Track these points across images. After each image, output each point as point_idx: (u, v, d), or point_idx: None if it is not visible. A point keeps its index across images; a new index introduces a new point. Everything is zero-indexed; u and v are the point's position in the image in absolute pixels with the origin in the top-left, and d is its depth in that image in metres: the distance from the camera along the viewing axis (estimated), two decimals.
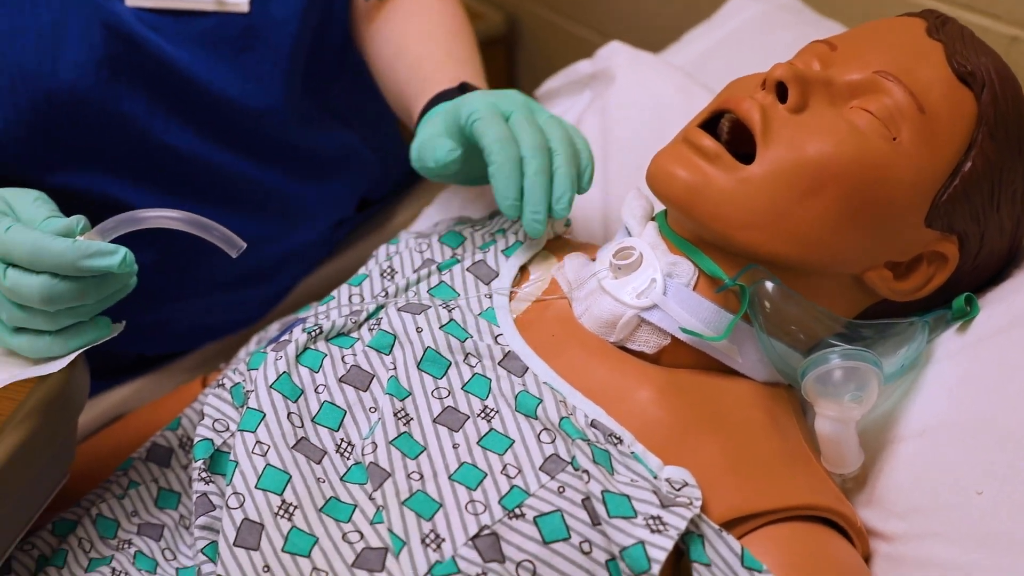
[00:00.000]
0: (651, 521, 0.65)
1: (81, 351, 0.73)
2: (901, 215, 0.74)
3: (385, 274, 0.86)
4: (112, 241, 0.70)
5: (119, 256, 0.68)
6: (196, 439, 0.76)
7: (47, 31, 0.91)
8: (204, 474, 0.74)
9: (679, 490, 0.68)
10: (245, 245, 0.70)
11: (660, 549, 0.64)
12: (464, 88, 0.90)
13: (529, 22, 1.83)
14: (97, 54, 0.92)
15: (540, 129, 0.79)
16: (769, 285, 0.74)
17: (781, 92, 0.74)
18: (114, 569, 0.75)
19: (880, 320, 0.78)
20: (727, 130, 0.76)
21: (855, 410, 0.73)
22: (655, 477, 0.69)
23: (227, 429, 0.76)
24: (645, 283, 0.75)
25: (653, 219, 0.81)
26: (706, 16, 1.33)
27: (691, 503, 0.67)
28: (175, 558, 0.78)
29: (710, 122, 0.76)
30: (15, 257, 0.68)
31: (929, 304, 0.80)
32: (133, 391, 1.12)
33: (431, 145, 0.81)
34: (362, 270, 0.88)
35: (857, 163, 0.72)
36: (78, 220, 0.70)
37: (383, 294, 0.83)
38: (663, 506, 0.66)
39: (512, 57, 1.90)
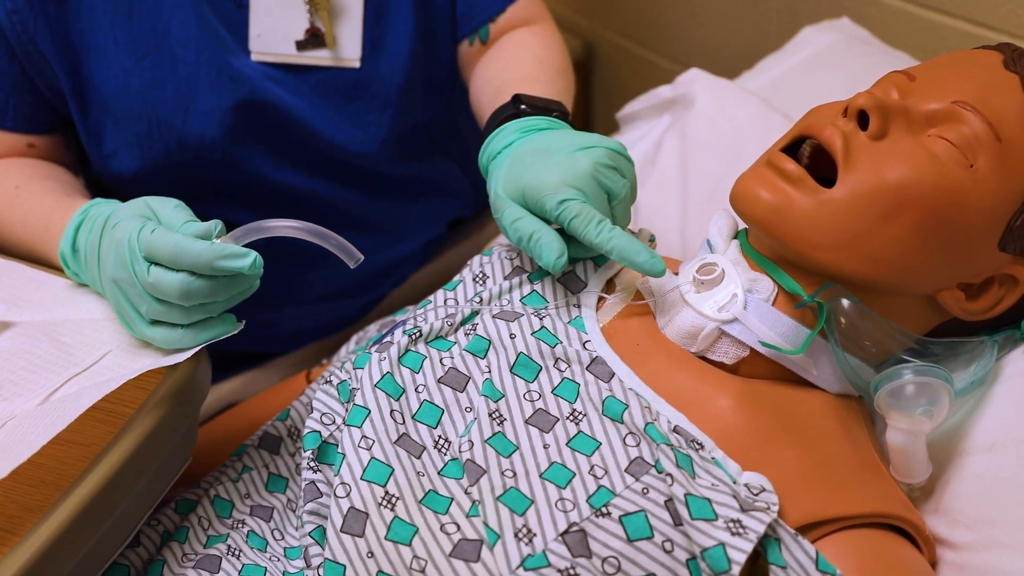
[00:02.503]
0: (731, 524, 0.63)
1: (206, 344, 0.74)
2: (975, 239, 0.71)
3: (478, 279, 0.85)
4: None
5: (250, 259, 0.69)
6: (305, 431, 0.75)
7: (183, 84, 0.94)
8: (313, 463, 0.74)
9: (757, 495, 0.66)
10: (363, 257, 0.71)
11: (740, 551, 0.62)
12: (518, 100, 0.86)
13: (605, 49, 1.82)
14: (224, 104, 0.94)
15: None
16: (845, 302, 0.72)
17: (862, 120, 0.72)
18: (229, 546, 0.76)
19: (951, 338, 0.75)
20: (807, 155, 0.74)
21: (926, 424, 0.71)
22: (734, 482, 0.67)
23: (333, 422, 0.76)
24: (727, 297, 0.74)
25: (735, 237, 0.79)
26: (775, 46, 1.30)
27: (769, 508, 0.65)
28: (283, 538, 0.78)
29: (791, 147, 0.74)
30: (158, 256, 0.69)
31: (998, 323, 0.77)
32: (243, 383, 1.13)
33: (537, 243, 0.73)
34: (456, 277, 0.87)
35: (935, 189, 0.69)
36: (215, 224, 0.71)
37: (476, 299, 0.82)
38: (742, 510, 0.64)
39: (588, 82, 1.89)
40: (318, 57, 0.97)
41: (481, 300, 0.82)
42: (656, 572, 0.64)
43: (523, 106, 0.85)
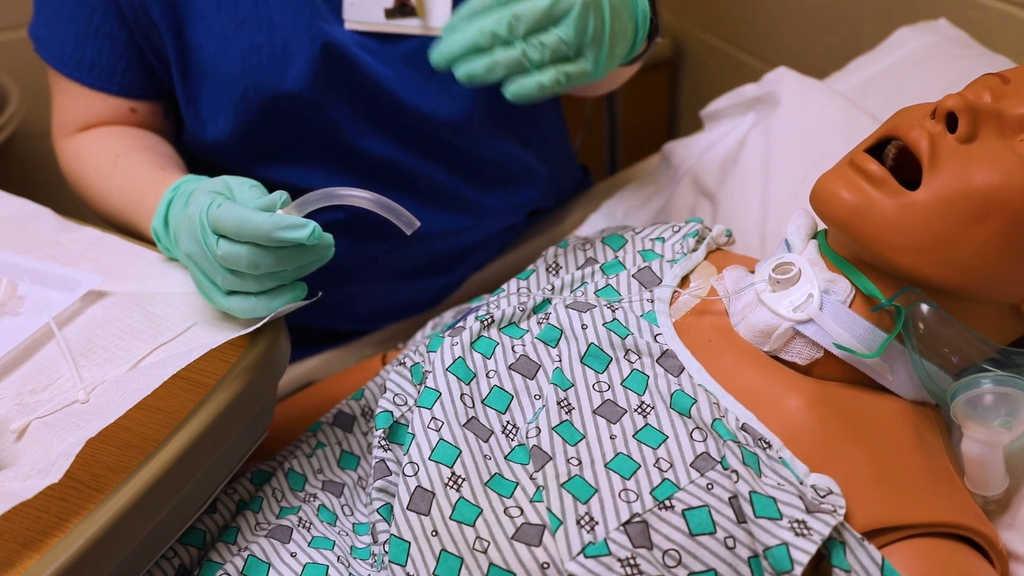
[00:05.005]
0: (796, 524, 0.63)
1: (282, 314, 0.75)
2: None
3: (551, 269, 0.86)
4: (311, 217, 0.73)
5: (308, 229, 0.70)
6: (378, 410, 0.77)
7: (279, 49, 0.96)
8: (384, 442, 0.76)
9: (824, 497, 0.65)
10: (419, 223, 0.71)
11: (803, 552, 0.62)
12: None
13: (694, 46, 1.80)
14: (316, 68, 0.96)
15: None
16: (925, 308, 0.70)
17: (951, 122, 0.70)
18: (300, 519, 0.78)
19: None
20: (892, 156, 0.73)
21: (1004, 435, 0.69)
22: (801, 483, 0.66)
23: (405, 403, 0.78)
24: (802, 298, 0.73)
25: (814, 237, 0.78)
26: (868, 47, 1.28)
27: (835, 511, 0.64)
28: (352, 514, 0.80)
29: (876, 148, 0.73)
30: (223, 229, 0.71)
31: None
32: (321, 362, 1.16)
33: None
34: (530, 267, 0.88)
35: (1023, 195, 0.67)
36: (280, 195, 0.73)
37: (549, 288, 0.83)
38: (808, 511, 0.64)
39: (676, 79, 1.88)
40: (407, 26, 0.98)
41: (553, 288, 0.83)
42: (717, 568, 0.64)
43: None
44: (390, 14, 0.97)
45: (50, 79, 1.02)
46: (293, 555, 0.74)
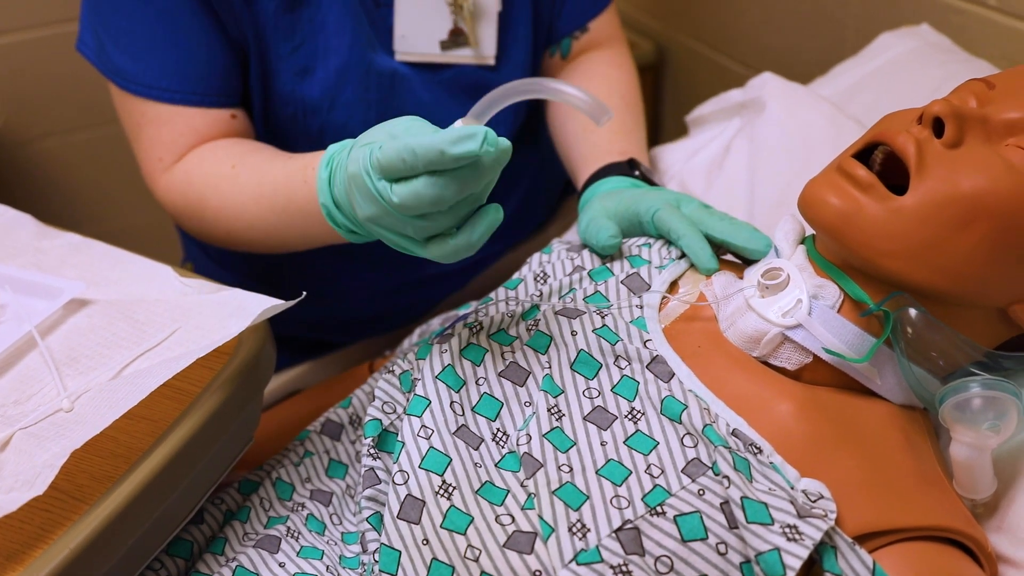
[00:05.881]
0: (787, 530, 0.63)
1: (274, 311, 0.73)
2: None
3: (538, 278, 0.86)
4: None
5: (479, 137, 0.63)
6: (367, 419, 0.77)
7: (332, 75, 0.96)
8: (373, 450, 0.75)
9: (815, 502, 0.65)
10: (612, 114, 0.69)
11: (795, 557, 0.62)
12: (632, 164, 0.96)
13: (676, 52, 1.80)
14: (369, 96, 0.98)
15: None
16: (913, 312, 0.70)
17: (937, 127, 0.70)
18: (289, 528, 0.77)
19: (1021, 353, 0.73)
20: (879, 162, 0.73)
21: (992, 439, 0.69)
22: (792, 488, 0.66)
23: (394, 411, 0.77)
24: (791, 303, 0.73)
25: (802, 242, 0.78)
26: (850, 52, 1.28)
27: (826, 515, 0.64)
28: (341, 523, 0.80)
29: (863, 153, 0.73)
30: (393, 170, 0.66)
31: None
32: (307, 371, 1.15)
33: (596, 227, 0.85)
34: (517, 275, 0.88)
35: (1010, 199, 0.68)
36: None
37: (537, 294, 0.83)
38: (799, 516, 0.64)
39: (659, 84, 1.88)
40: (461, 55, 1.01)
41: (541, 295, 0.82)
42: (709, 573, 0.64)
43: (636, 172, 0.95)
44: (445, 45, 1.01)
45: (131, 115, 0.96)
46: (282, 565, 0.74)
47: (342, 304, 1.14)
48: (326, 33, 0.95)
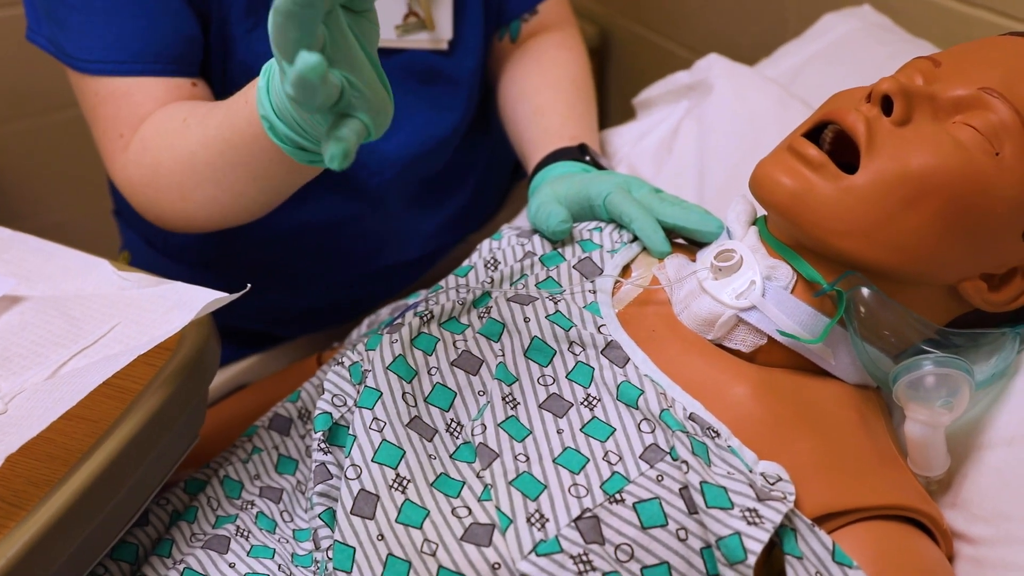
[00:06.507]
0: (747, 513, 0.62)
1: (219, 304, 0.68)
2: (1000, 229, 0.70)
3: (489, 265, 0.84)
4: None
5: None
6: (316, 412, 0.75)
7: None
8: (323, 445, 0.73)
9: (773, 484, 0.65)
10: None
11: (756, 541, 0.61)
12: (583, 149, 0.94)
13: (621, 36, 1.80)
14: None
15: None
16: (865, 291, 0.70)
17: (886, 105, 0.70)
18: (238, 527, 0.75)
19: (972, 329, 0.73)
20: (829, 141, 0.72)
21: (945, 416, 0.69)
22: (750, 471, 0.66)
23: (344, 404, 0.75)
24: (745, 285, 0.72)
25: (754, 223, 0.77)
26: (793, 34, 1.28)
27: (785, 498, 0.64)
28: (292, 520, 0.78)
29: (813, 132, 0.73)
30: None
31: (1020, 315, 0.75)
32: (253, 364, 1.13)
33: (546, 211, 0.83)
34: (467, 262, 0.86)
35: (959, 176, 0.68)
36: None
37: (488, 281, 0.81)
38: (759, 499, 0.63)
39: (604, 68, 1.87)
40: (417, 40, 0.98)
41: (493, 282, 0.81)
42: (670, 560, 0.63)
43: (587, 157, 0.94)
44: (401, 30, 0.97)
45: (87, 96, 0.90)
46: (232, 565, 0.71)
47: (291, 296, 1.11)
48: None
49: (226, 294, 0.71)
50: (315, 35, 0.56)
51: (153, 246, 1.13)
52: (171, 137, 0.83)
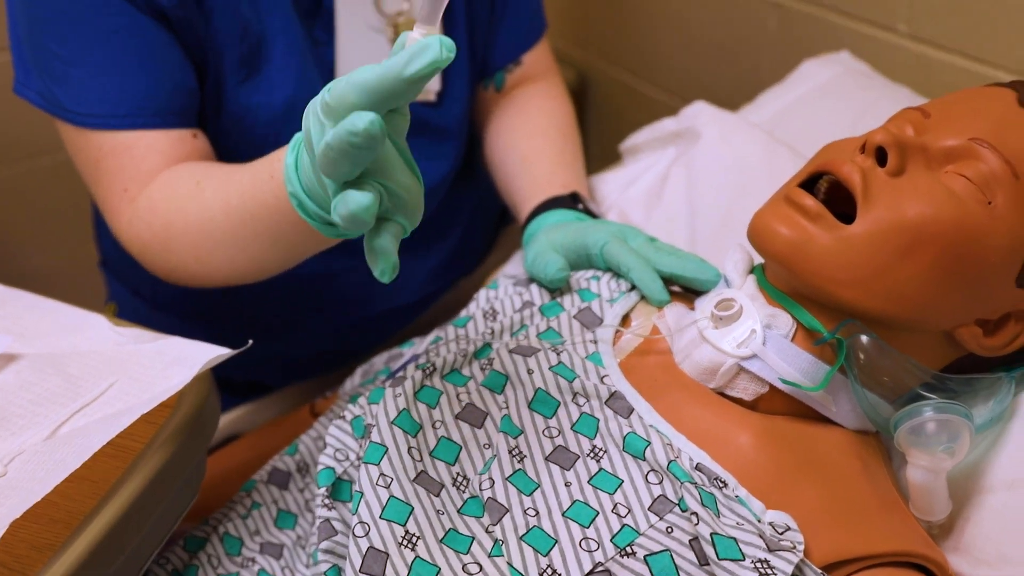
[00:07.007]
0: (759, 564, 0.62)
1: (218, 360, 0.68)
2: (994, 276, 0.71)
3: (487, 315, 0.84)
4: None
5: (436, 44, 0.54)
6: (319, 467, 0.74)
7: (278, 111, 0.92)
8: (327, 500, 0.72)
9: (782, 534, 0.65)
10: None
11: None
12: (575, 198, 0.95)
13: (599, 79, 1.82)
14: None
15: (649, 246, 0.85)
16: (864, 339, 0.71)
17: (880, 156, 0.71)
18: None
19: (968, 375, 0.74)
20: (824, 190, 0.73)
21: (947, 461, 0.70)
22: (759, 521, 0.66)
23: (347, 459, 0.74)
24: (745, 333, 0.73)
25: (751, 272, 0.78)
26: (769, 78, 1.30)
27: (795, 547, 0.64)
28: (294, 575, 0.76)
29: (808, 182, 0.74)
30: (349, 106, 0.56)
31: (1014, 359, 0.76)
32: (245, 414, 1.11)
33: (544, 260, 0.84)
34: (464, 312, 0.86)
35: (954, 226, 0.69)
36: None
37: (489, 332, 0.81)
38: (769, 550, 0.63)
39: (582, 111, 1.89)
40: None
41: (493, 333, 0.81)
42: None
43: (580, 205, 0.95)
44: None
45: (87, 151, 0.88)
46: None
47: (282, 345, 1.10)
48: (271, 68, 0.92)
49: (226, 349, 0.70)
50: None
51: (141, 297, 1.12)
52: (184, 201, 0.82)
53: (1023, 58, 1.05)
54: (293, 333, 1.10)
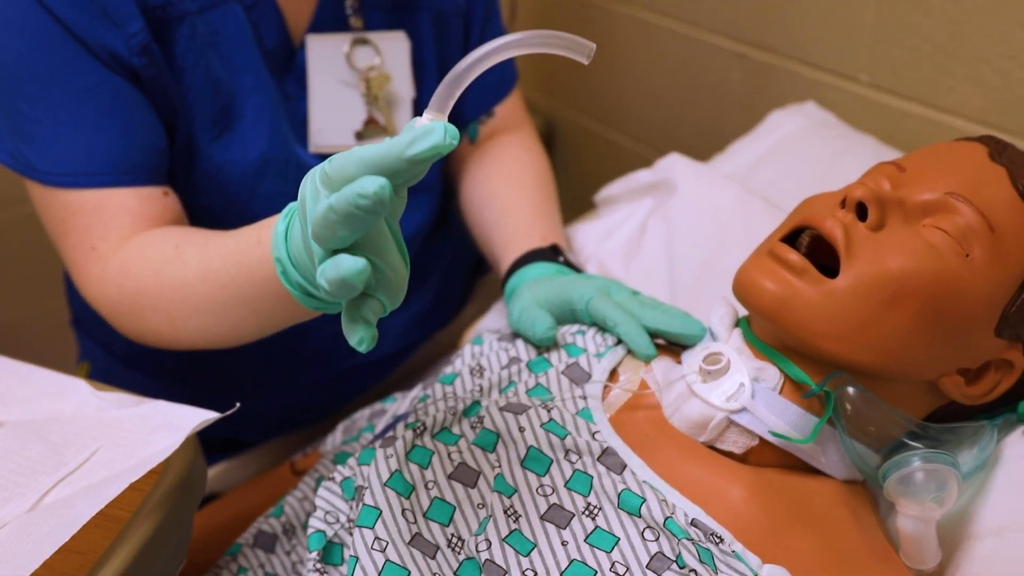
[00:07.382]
0: None
1: (206, 423, 0.67)
2: (974, 326, 0.72)
3: (474, 372, 0.84)
4: None
5: (440, 129, 0.55)
6: (309, 531, 0.73)
7: (251, 167, 0.92)
8: (319, 565, 0.71)
9: None
10: (594, 46, 0.59)
11: None
12: (556, 250, 0.96)
13: (566, 127, 1.84)
14: (287, 189, 0.93)
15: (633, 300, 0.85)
16: (851, 390, 0.72)
17: (860, 211, 0.73)
18: None
19: (951, 423, 0.75)
20: (806, 244, 0.75)
21: (936, 510, 0.71)
22: (756, 575, 0.66)
23: (337, 521, 0.73)
24: (734, 387, 0.73)
25: (736, 325, 0.79)
26: (734, 126, 1.33)
27: None
28: None
29: (790, 236, 0.75)
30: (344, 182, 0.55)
31: (994, 406, 0.78)
32: (223, 471, 1.09)
33: (531, 318, 0.84)
34: (450, 369, 0.86)
35: (934, 278, 0.70)
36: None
37: (477, 390, 0.81)
38: None
39: (550, 158, 1.90)
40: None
41: (481, 390, 0.80)
42: None
43: (560, 258, 0.96)
44: (360, 136, 0.97)
45: (54, 209, 0.86)
46: None
47: (259, 401, 1.08)
48: (243, 125, 0.91)
49: (212, 412, 0.69)
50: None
51: (113, 355, 1.10)
52: (161, 264, 0.81)
53: (981, 107, 1.08)
54: (268, 389, 1.08)
